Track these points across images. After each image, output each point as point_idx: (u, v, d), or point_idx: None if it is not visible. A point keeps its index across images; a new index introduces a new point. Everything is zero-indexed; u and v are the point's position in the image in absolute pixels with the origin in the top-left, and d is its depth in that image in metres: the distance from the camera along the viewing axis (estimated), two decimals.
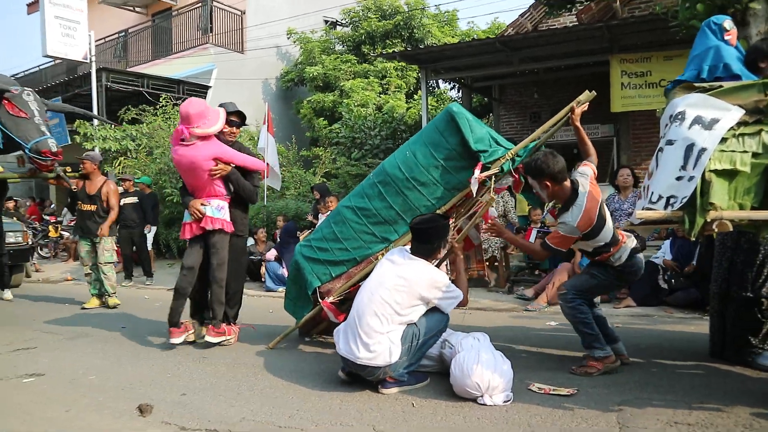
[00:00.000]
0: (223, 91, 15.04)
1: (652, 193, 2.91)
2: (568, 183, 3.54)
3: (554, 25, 11.10)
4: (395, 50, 13.80)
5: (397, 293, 3.28)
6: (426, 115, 10.46)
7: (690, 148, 2.76)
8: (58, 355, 4.52)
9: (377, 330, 3.25)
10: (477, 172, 3.72)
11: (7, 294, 7.56)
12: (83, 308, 6.75)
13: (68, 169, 7.30)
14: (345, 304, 4.01)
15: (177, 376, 3.85)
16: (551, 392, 3.23)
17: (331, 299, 4.06)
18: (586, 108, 3.76)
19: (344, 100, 14.23)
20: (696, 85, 3.08)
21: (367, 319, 3.27)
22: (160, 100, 12.57)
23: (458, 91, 15.12)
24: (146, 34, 17.30)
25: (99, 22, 16.27)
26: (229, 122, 4.65)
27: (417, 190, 3.96)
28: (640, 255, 3.72)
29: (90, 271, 6.99)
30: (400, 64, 15.08)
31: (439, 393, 3.30)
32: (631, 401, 3.05)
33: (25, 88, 5.76)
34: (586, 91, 3.88)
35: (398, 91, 15.20)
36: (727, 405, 2.94)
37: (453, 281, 3.53)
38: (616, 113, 9.09)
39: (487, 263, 7.27)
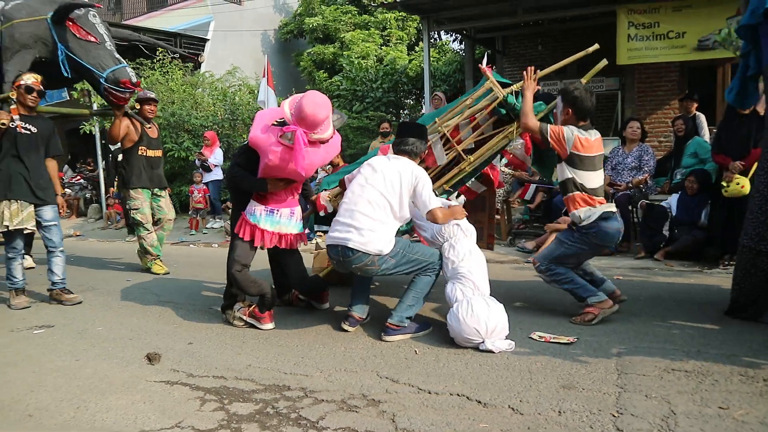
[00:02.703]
0: (221, 45, 14.77)
1: None
2: (581, 123, 3.67)
3: None
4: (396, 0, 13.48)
5: (388, 184, 3.37)
6: (428, 68, 10.28)
7: None
8: (66, 308, 4.59)
9: (369, 215, 3.31)
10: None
11: (29, 261, 6.66)
12: (153, 272, 5.94)
13: (137, 105, 6.04)
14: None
15: (183, 326, 3.92)
16: (552, 341, 3.29)
17: (325, 193, 4.20)
18: (538, 75, 3.90)
19: (345, 52, 13.97)
20: None
21: (359, 206, 3.35)
22: (157, 53, 12.31)
23: (460, 43, 14.81)
24: None
25: None
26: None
27: (430, 117, 4.33)
28: (613, 223, 3.61)
29: (150, 229, 5.97)
30: (401, 14, 14.73)
31: (441, 341, 3.36)
32: (630, 350, 3.11)
33: (90, 9, 4.93)
34: (596, 45, 3.93)
35: (399, 43, 14.89)
36: (724, 354, 3.00)
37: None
38: (621, 66, 8.92)
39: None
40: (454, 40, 15.92)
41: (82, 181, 13.44)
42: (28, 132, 4.52)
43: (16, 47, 4.61)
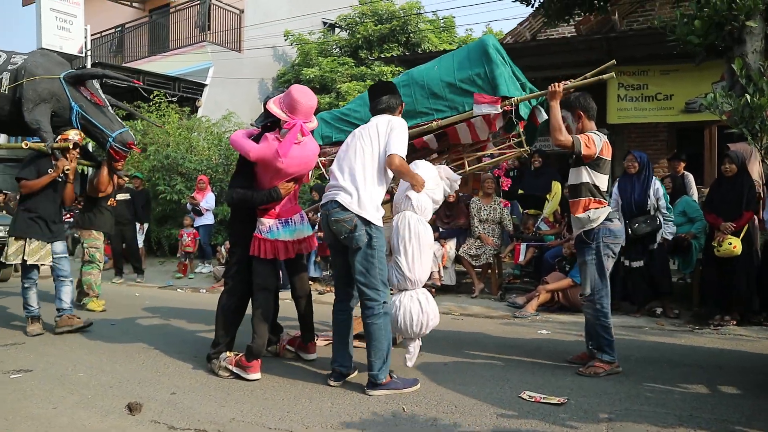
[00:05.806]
0: (219, 90, 15.00)
1: None
2: (594, 125, 3.88)
3: (553, 35, 11.14)
4: (393, 54, 13.82)
5: (366, 142, 3.49)
6: None
7: None
8: (47, 351, 4.48)
9: (356, 175, 3.42)
10: (491, 106, 4.05)
11: None
12: (88, 309, 6.38)
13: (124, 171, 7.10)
14: None
15: (167, 374, 3.82)
16: (542, 401, 3.23)
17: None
18: (564, 87, 3.92)
19: (340, 103, 14.23)
20: None
21: (344, 170, 3.48)
22: (152, 96, 12.43)
23: None
24: (143, 30, 17.22)
25: (95, 16, 16.16)
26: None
27: (426, 93, 4.29)
28: (616, 222, 3.80)
29: (101, 268, 6.81)
30: (397, 68, 15.09)
31: (430, 398, 3.29)
32: (622, 412, 3.06)
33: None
34: (613, 60, 4.20)
35: None
36: (716, 419, 2.96)
37: None
38: (611, 125, 9.13)
39: (480, 269, 7.27)
40: None
41: (71, 219, 13.36)
42: (62, 178, 5.13)
43: (37, 100, 5.07)
